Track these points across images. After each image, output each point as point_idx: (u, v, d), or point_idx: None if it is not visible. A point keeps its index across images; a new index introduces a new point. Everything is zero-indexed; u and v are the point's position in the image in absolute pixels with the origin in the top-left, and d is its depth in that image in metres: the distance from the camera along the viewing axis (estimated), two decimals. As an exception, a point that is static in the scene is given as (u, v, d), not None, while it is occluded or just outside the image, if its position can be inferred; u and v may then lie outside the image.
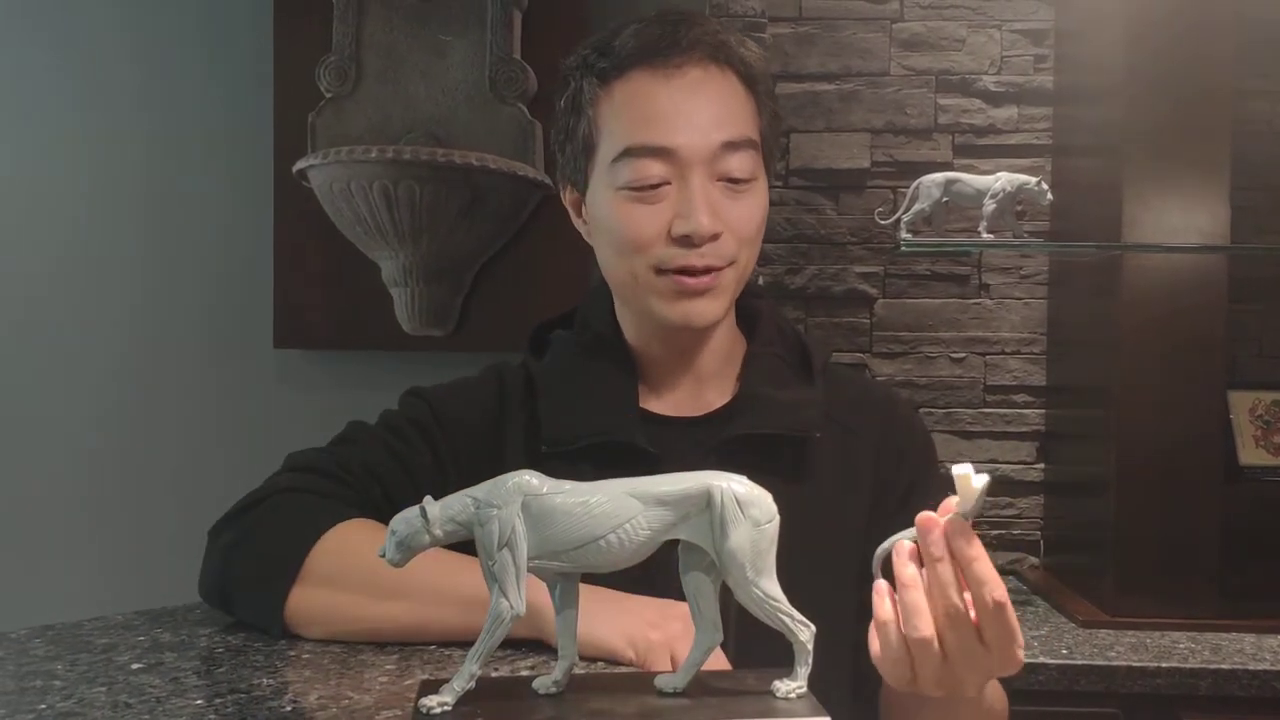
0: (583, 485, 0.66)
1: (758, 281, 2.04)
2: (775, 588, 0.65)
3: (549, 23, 2.16)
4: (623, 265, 1.03)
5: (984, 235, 1.72)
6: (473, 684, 0.65)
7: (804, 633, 0.66)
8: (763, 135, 1.04)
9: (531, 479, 0.65)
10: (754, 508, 0.65)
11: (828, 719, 0.63)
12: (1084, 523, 1.94)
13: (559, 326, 1.15)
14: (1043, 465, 2.13)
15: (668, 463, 0.94)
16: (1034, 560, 2.12)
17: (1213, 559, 1.73)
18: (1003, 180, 1.70)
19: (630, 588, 0.91)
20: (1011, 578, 2.07)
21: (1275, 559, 1.82)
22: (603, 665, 0.88)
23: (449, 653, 0.90)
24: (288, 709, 0.75)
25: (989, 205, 1.70)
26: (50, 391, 2.34)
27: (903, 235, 1.76)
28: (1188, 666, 1.56)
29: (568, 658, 0.68)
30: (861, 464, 1.08)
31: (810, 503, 1.01)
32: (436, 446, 1.06)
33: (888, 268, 2.14)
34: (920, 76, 2.14)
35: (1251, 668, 1.55)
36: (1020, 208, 1.88)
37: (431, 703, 0.63)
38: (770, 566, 0.65)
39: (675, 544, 0.67)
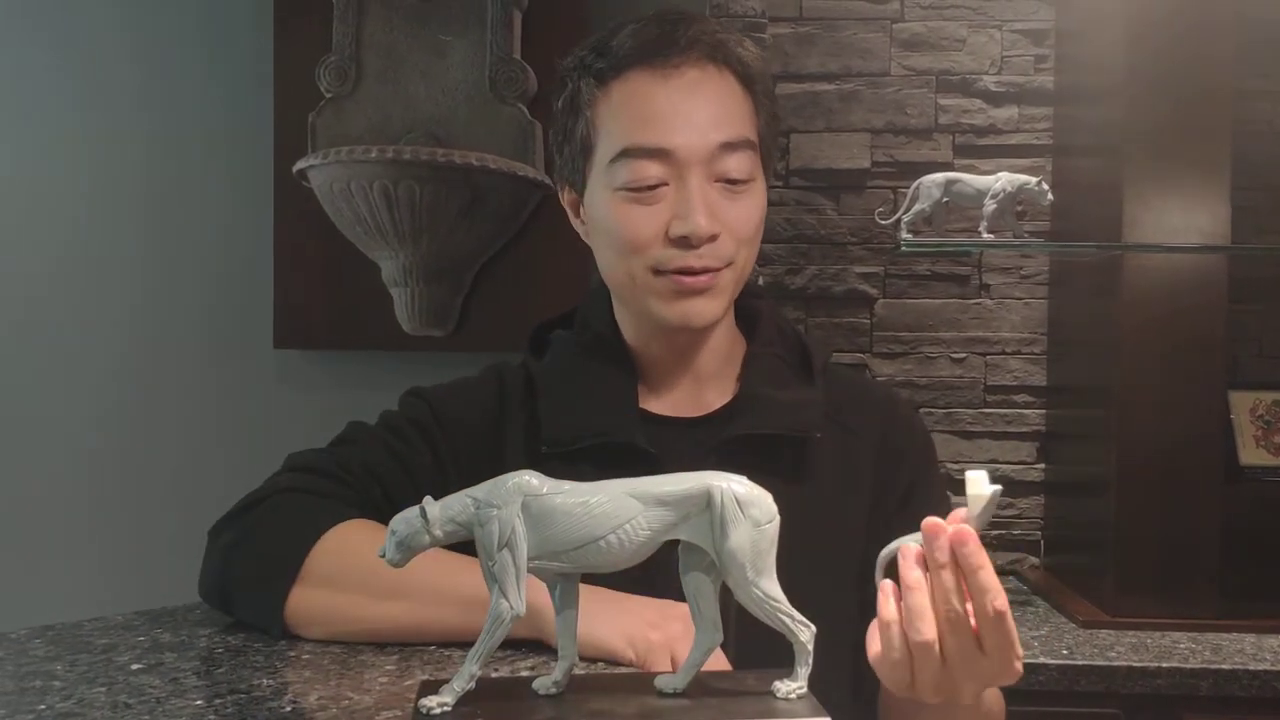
0: (583, 485, 0.66)
1: (758, 282, 2.04)
2: (775, 588, 0.65)
3: (549, 23, 2.16)
4: (621, 266, 1.03)
5: (984, 235, 1.72)
6: (473, 684, 0.65)
7: (804, 633, 0.66)
8: (761, 135, 1.03)
9: (531, 479, 0.65)
10: (754, 508, 0.65)
11: (828, 719, 0.63)
12: (1084, 523, 1.94)
13: (559, 327, 1.14)
14: (1043, 465, 2.13)
15: (667, 463, 0.94)
16: (1034, 560, 2.12)
17: (1213, 559, 1.73)
18: (1003, 180, 1.70)
19: (630, 588, 0.91)
20: (1012, 578, 2.07)
21: (1276, 559, 1.82)
22: (603, 666, 0.87)
23: (449, 653, 0.90)
24: (287, 709, 0.75)
25: (989, 205, 1.70)
26: (50, 391, 2.34)
27: (903, 235, 1.76)
28: (1188, 667, 1.56)
29: (568, 658, 0.68)
30: (861, 464, 1.08)
31: (810, 503, 1.00)
32: (437, 447, 1.06)
33: (888, 268, 2.14)
34: (921, 76, 2.14)
35: (1252, 668, 1.55)
36: (1021, 208, 1.88)
37: (431, 703, 0.63)
38: (770, 567, 0.65)
39: (675, 544, 0.67)
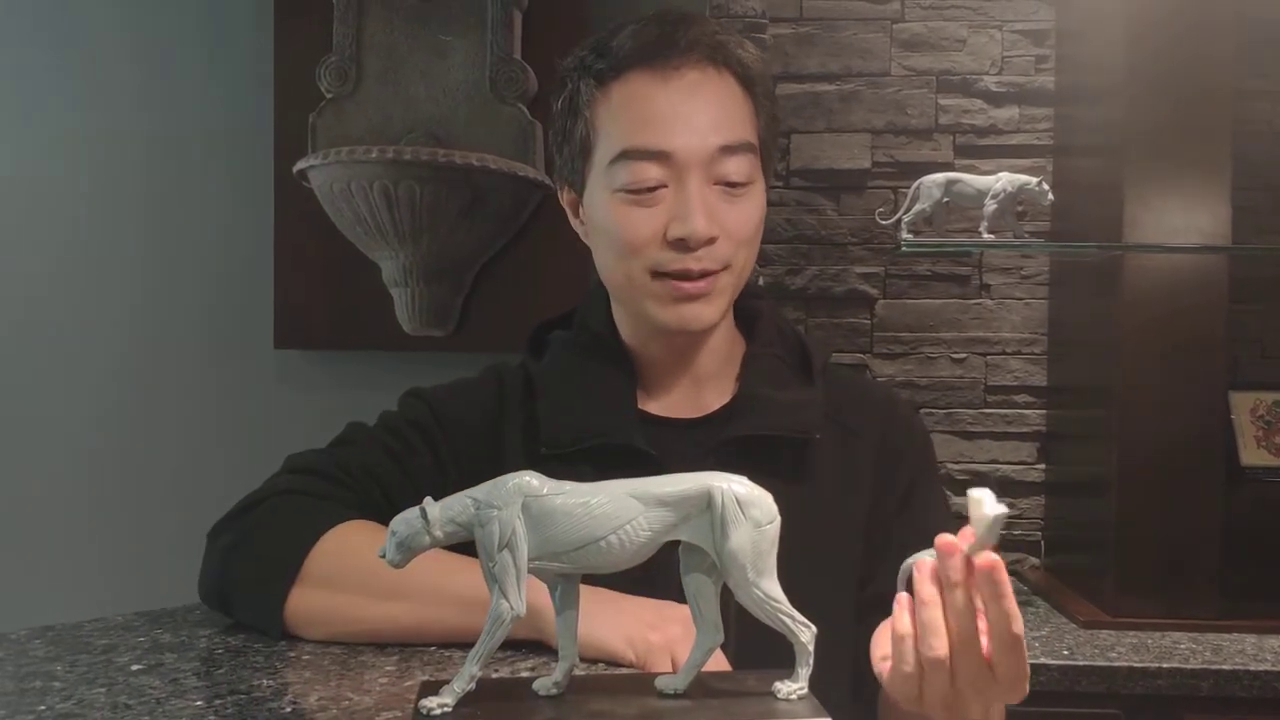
0: (583, 486, 0.66)
1: (758, 282, 2.04)
2: (776, 589, 0.65)
3: (549, 23, 2.16)
4: (619, 267, 1.02)
5: (985, 236, 1.72)
6: (473, 685, 0.65)
7: (805, 634, 0.66)
8: (761, 138, 1.03)
9: (532, 480, 0.65)
10: (755, 508, 0.64)
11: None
12: (1085, 523, 1.94)
13: (558, 327, 1.14)
14: (1044, 466, 2.13)
15: (667, 464, 0.94)
16: (1035, 561, 2.12)
17: (1214, 560, 1.73)
18: (1003, 180, 1.70)
19: (631, 589, 0.91)
20: (1012, 578, 2.06)
21: (1276, 560, 1.82)
22: (603, 667, 0.87)
23: (449, 654, 0.90)
24: (288, 710, 0.75)
25: (990, 205, 1.70)
26: (50, 391, 2.34)
27: (903, 235, 1.76)
28: (1189, 667, 1.56)
29: (568, 659, 0.68)
30: (862, 465, 1.08)
31: (810, 504, 1.00)
32: (437, 447, 1.06)
33: (888, 268, 2.14)
34: (921, 77, 2.14)
35: (1253, 668, 1.55)
36: (1021, 208, 1.88)
37: (432, 704, 0.63)
38: (771, 567, 0.65)
39: (676, 545, 0.67)
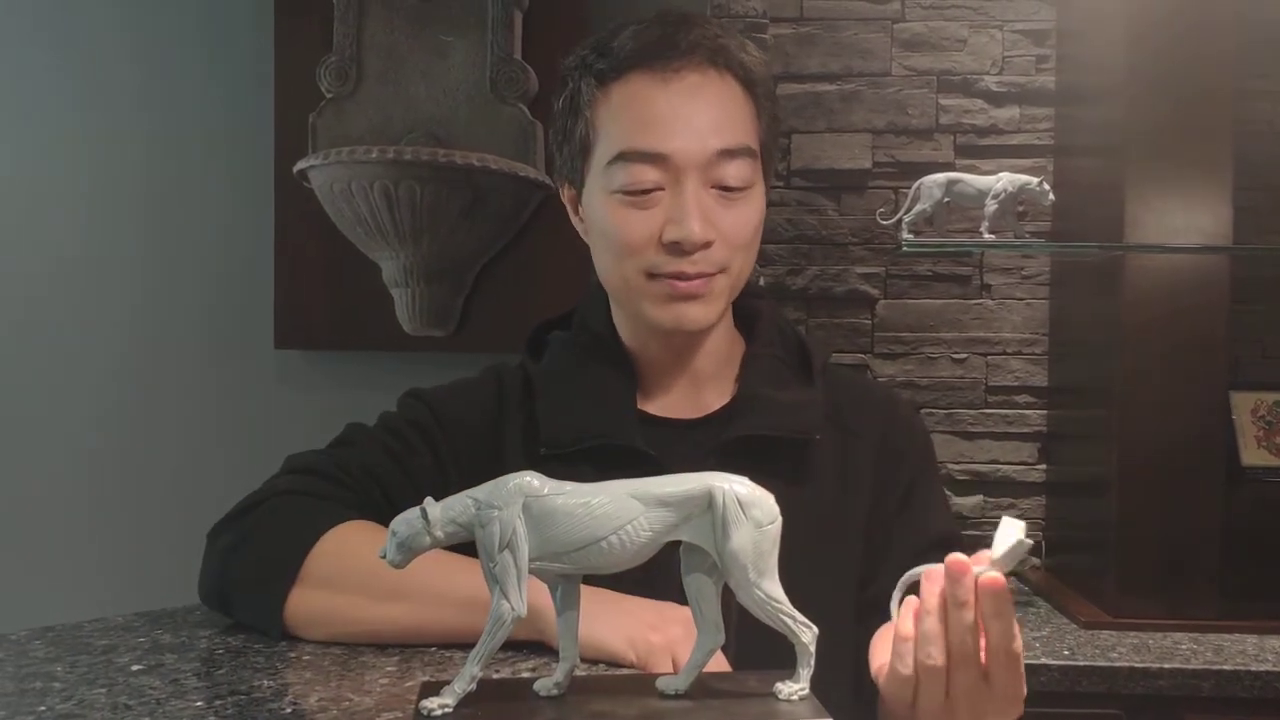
0: (584, 486, 0.65)
1: (759, 282, 2.04)
2: (777, 589, 0.65)
3: (550, 23, 2.16)
4: (615, 268, 1.02)
5: (986, 236, 1.72)
6: (474, 686, 0.65)
7: (806, 634, 0.66)
8: (762, 141, 1.03)
9: (533, 480, 0.65)
10: (756, 509, 0.64)
11: (830, 720, 0.63)
12: (1086, 523, 1.93)
13: (557, 327, 1.14)
14: (1044, 466, 2.13)
15: (667, 465, 0.93)
16: (1035, 561, 2.12)
17: (1215, 560, 1.73)
18: (1004, 180, 1.70)
19: (631, 589, 0.91)
20: (1013, 578, 2.07)
21: (1277, 560, 1.81)
22: (604, 668, 0.87)
23: (450, 654, 0.89)
24: (288, 711, 0.75)
25: (991, 205, 1.70)
26: (50, 391, 2.34)
27: (904, 236, 1.76)
28: (1190, 668, 1.55)
29: (569, 660, 0.67)
30: (862, 465, 1.08)
31: (810, 504, 1.00)
32: (437, 448, 1.06)
33: (889, 268, 2.14)
34: (922, 77, 2.14)
35: (1254, 669, 1.55)
36: (1022, 208, 1.88)
37: (432, 705, 0.63)
38: (772, 568, 0.65)
39: (677, 545, 0.67)
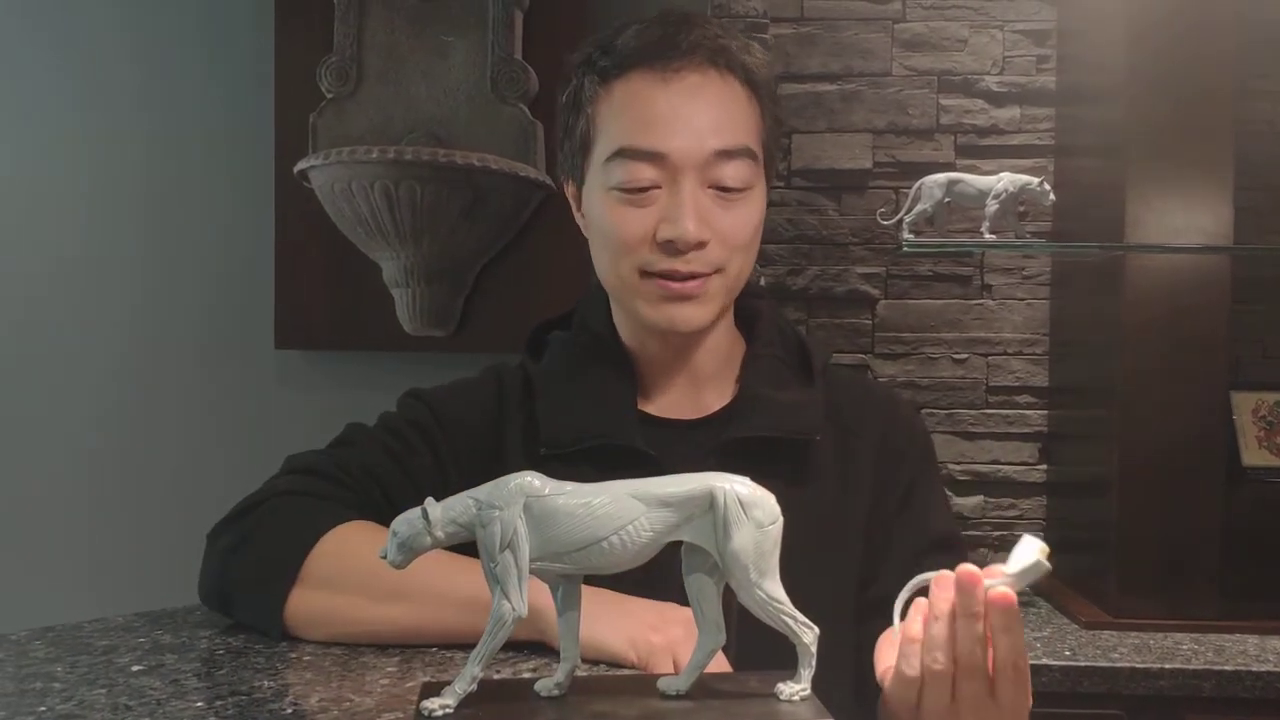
0: (585, 486, 0.65)
1: (759, 282, 2.04)
2: (779, 589, 0.65)
3: (550, 23, 2.16)
4: (611, 265, 1.03)
5: (986, 236, 1.72)
6: (474, 686, 0.64)
7: (807, 635, 0.66)
8: (763, 142, 1.03)
9: (534, 480, 0.65)
10: (757, 509, 0.64)
11: (831, 721, 0.63)
12: (1086, 524, 1.93)
13: (557, 327, 1.14)
14: (1045, 466, 2.13)
15: (667, 465, 0.93)
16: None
17: (1215, 560, 1.73)
18: (1005, 181, 1.70)
19: (632, 590, 0.90)
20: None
21: (1278, 560, 1.81)
22: (605, 668, 0.87)
23: (450, 655, 0.89)
24: (288, 711, 0.75)
25: (991, 206, 1.70)
26: (50, 391, 2.34)
27: (905, 236, 1.75)
28: (1191, 668, 1.55)
29: (570, 660, 0.67)
30: (862, 465, 1.07)
31: (811, 505, 1.00)
32: (437, 448, 1.06)
33: (890, 268, 2.14)
34: (922, 77, 2.14)
35: (1255, 669, 1.55)
36: (1023, 208, 1.88)
37: (433, 705, 0.63)
38: (773, 568, 0.65)
39: (678, 546, 0.66)
